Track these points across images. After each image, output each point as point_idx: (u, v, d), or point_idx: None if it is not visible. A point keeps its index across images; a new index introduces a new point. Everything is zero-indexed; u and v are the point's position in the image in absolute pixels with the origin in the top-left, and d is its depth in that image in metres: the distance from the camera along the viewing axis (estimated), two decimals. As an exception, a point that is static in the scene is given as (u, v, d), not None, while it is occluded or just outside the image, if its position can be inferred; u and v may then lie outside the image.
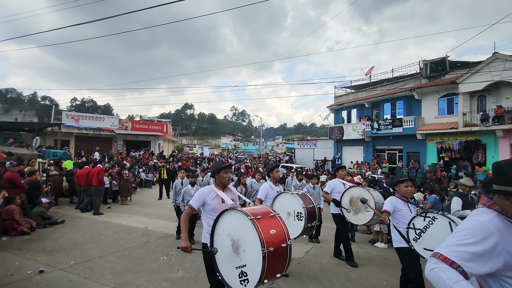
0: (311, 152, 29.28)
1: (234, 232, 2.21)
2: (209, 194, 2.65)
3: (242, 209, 2.24)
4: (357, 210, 4.34)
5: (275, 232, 2.14)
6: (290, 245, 2.18)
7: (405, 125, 18.46)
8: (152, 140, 24.50)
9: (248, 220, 2.10)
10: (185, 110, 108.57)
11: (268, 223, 2.19)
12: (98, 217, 7.42)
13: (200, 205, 2.64)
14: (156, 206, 9.85)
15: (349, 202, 4.43)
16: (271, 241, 2.05)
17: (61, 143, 18.47)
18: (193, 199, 2.65)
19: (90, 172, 7.93)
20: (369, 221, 4.21)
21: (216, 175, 2.71)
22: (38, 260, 4.20)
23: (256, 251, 2.01)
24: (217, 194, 2.65)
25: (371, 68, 22.99)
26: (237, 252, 2.15)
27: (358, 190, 4.43)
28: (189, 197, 5.12)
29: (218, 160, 3.40)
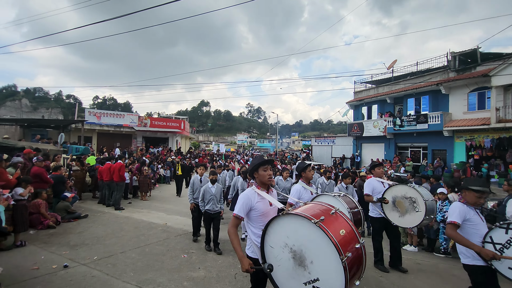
0: (329, 149, 28.61)
1: (293, 241, 1.86)
2: (255, 197, 2.25)
3: (298, 212, 1.89)
4: (403, 211, 3.86)
5: (345, 232, 1.82)
6: (363, 243, 1.85)
7: (430, 121, 17.50)
8: (170, 137, 24.88)
9: (311, 225, 1.76)
10: (202, 107, 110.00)
11: (335, 223, 1.86)
12: (119, 212, 7.53)
13: (247, 212, 2.23)
14: (175, 202, 9.90)
15: (392, 202, 3.99)
16: (345, 244, 1.73)
17: (84, 140, 19.14)
18: (238, 206, 2.23)
19: (112, 168, 8.05)
20: (420, 223, 3.74)
21: (254, 174, 2.36)
22: (62, 254, 4.24)
23: (330, 260, 1.68)
24: (262, 196, 2.26)
25: (393, 62, 21.96)
26: (303, 264, 1.81)
27: (401, 188, 3.96)
28: (210, 196, 4.89)
29: (257, 156, 2.85)
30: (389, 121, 20.25)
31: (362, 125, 22.77)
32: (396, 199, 3.96)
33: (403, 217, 3.88)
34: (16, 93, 77.74)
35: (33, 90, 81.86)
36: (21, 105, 68.79)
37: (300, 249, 1.83)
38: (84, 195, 9.91)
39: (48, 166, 7.36)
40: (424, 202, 3.61)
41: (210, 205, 4.87)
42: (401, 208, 3.88)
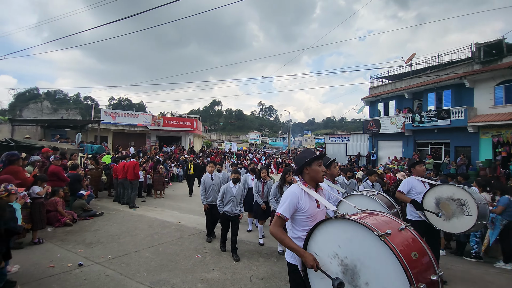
0: (343, 147, 27.95)
1: (345, 252, 1.57)
2: (301, 196, 1.98)
3: (356, 218, 1.58)
4: (449, 215, 3.44)
5: (418, 256, 1.44)
6: (441, 275, 1.47)
7: (453, 116, 16.61)
8: (182, 136, 25.11)
9: (374, 238, 1.43)
10: (213, 106, 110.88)
11: (404, 241, 1.48)
12: (133, 211, 7.54)
13: (293, 212, 1.97)
14: (188, 201, 9.87)
15: (435, 204, 3.56)
16: (419, 272, 1.37)
17: (101, 139, 19.61)
18: (283, 205, 1.97)
19: (126, 166, 8.08)
20: (469, 228, 3.29)
21: (305, 169, 2.05)
22: (78, 252, 4.22)
23: None
24: (309, 195, 1.98)
25: (412, 56, 21.06)
26: (354, 284, 1.51)
27: (448, 188, 3.53)
28: (231, 197, 4.55)
29: (306, 149, 2.60)
30: (407, 117, 19.44)
31: (378, 122, 22.02)
32: (440, 200, 3.53)
33: (448, 221, 3.45)
34: (38, 95, 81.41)
35: (53, 92, 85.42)
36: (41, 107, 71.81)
37: (354, 264, 1.52)
38: (100, 193, 10.07)
39: (65, 165, 7.48)
40: (476, 205, 3.18)
41: (229, 206, 4.53)
42: (446, 211, 3.47)
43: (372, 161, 22.58)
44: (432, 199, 3.57)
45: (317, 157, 2.05)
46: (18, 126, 18.24)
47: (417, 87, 19.32)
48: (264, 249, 4.80)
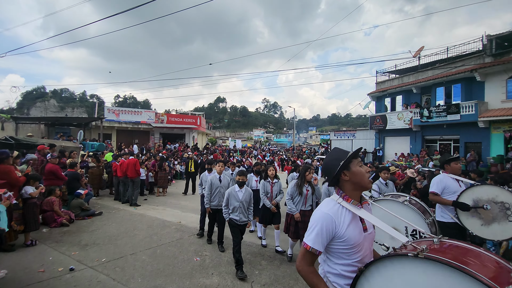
0: (349, 143, 27.52)
1: None
2: (342, 218, 1.40)
3: (454, 261, 0.98)
4: (489, 219, 3.05)
5: None
6: None
7: (463, 111, 16.08)
8: (186, 133, 24.97)
9: None
10: (218, 103, 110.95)
11: None
12: (134, 209, 7.37)
13: (328, 242, 1.39)
14: (191, 199, 9.67)
15: (472, 207, 3.17)
16: None
17: (104, 137, 19.57)
18: (311, 233, 1.39)
19: (125, 164, 7.90)
20: None
21: (343, 176, 1.48)
22: (71, 255, 4.03)
23: None
24: (353, 214, 1.41)
25: (420, 49, 20.45)
26: None
27: (489, 190, 3.13)
28: (236, 202, 3.98)
29: (334, 149, 1.61)
30: (415, 113, 18.93)
31: (385, 118, 21.54)
32: (479, 203, 3.12)
33: (487, 227, 3.05)
34: (45, 94, 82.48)
35: (60, 91, 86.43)
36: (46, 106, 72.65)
37: None
38: (102, 192, 9.94)
39: (64, 163, 7.34)
40: None
41: (237, 214, 3.96)
42: (485, 215, 3.07)
43: (378, 158, 22.17)
44: (469, 200, 3.14)
45: (355, 154, 1.51)
46: (22, 124, 18.28)
47: (426, 81, 18.75)
48: (267, 251, 4.55)
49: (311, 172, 4.15)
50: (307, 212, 4.08)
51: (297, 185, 4.10)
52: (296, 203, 4.09)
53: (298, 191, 4.06)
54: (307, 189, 4.11)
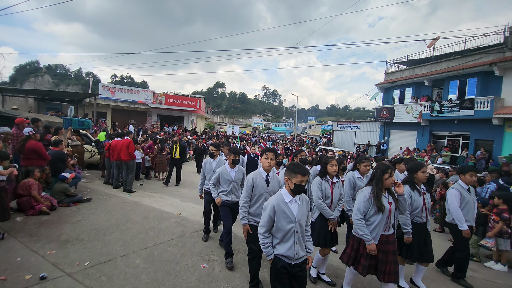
0: (352, 135, 26.85)
1: None
2: None
3: None
4: None
5: None
6: None
7: (477, 107, 15.34)
8: (185, 116, 23.92)
9: None
10: (217, 88, 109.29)
11: None
12: (128, 196, 6.55)
13: None
14: (190, 186, 8.89)
15: None
16: None
17: (98, 115, 18.49)
18: None
19: (119, 144, 7.01)
20: None
21: None
22: (46, 255, 3.22)
23: None
24: None
25: (435, 39, 19.34)
26: None
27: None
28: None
29: None
30: (425, 106, 18.14)
31: (393, 110, 20.75)
32: None
33: None
34: (39, 69, 79.69)
35: (54, 67, 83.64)
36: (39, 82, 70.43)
37: None
38: (93, 173, 9.10)
39: (48, 140, 6.43)
40: None
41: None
42: None
43: (382, 151, 21.55)
44: None
45: None
46: (10, 97, 17.08)
47: (439, 73, 17.85)
48: None
49: (392, 174, 2.66)
50: (390, 237, 2.67)
51: (374, 195, 2.62)
52: (374, 226, 2.61)
53: (377, 206, 2.59)
54: (389, 201, 2.65)
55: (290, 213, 2.19)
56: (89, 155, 9.63)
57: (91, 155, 9.67)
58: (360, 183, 3.60)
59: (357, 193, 2.83)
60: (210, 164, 4.43)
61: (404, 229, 3.08)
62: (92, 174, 8.99)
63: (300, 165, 2.23)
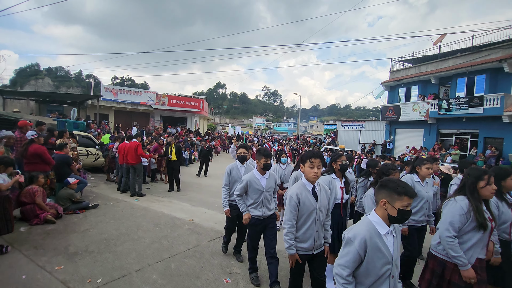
0: (357, 134, 26.53)
1: None
2: None
3: None
4: None
5: None
6: None
7: (486, 104, 15.03)
8: (188, 117, 23.64)
9: None
10: (217, 89, 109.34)
11: None
12: (136, 201, 6.27)
13: None
14: (198, 189, 8.61)
15: None
16: None
17: (101, 117, 18.22)
18: None
19: (126, 148, 6.73)
20: None
21: None
22: (54, 271, 2.93)
23: None
24: None
25: (441, 36, 19.06)
26: None
27: None
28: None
29: None
30: (433, 104, 17.83)
31: (398, 108, 20.43)
32: None
33: None
34: (39, 72, 79.66)
35: (54, 69, 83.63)
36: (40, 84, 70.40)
37: None
38: (98, 177, 8.82)
39: (52, 144, 6.16)
40: None
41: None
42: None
43: (388, 150, 21.24)
44: None
45: None
46: (11, 100, 16.84)
47: (446, 71, 17.54)
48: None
49: (490, 181, 2.16)
50: (484, 263, 2.22)
51: (474, 209, 2.11)
52: (469, 246, 2.12)
53: (478, 222, 2.08)
54: (489, 217, 2.15)
55: (387, 251, 1.62)
56: (93, 158, 9.38)
57: (95, 158, 9.41)
58: (419, 188, 3.14)
59: (446, 203, 2.29)
60: (237, 171, 3.59)
61: None
62: (97, 178, 8.71)
63: (406, 184, 1.66)
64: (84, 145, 9.15)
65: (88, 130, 11.33)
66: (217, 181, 10.29)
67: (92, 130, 12.08)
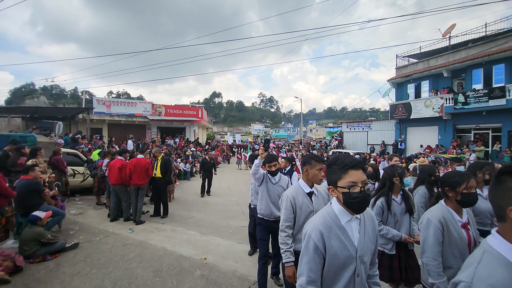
0: (364, 135, 25.39)
1: None
2: None
3: None
4: None
5: None
6: None
7: (509, 95, 13.92)
8: (187, 127, 22.38)
9: None
10: (214, 98, 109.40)
11: None
12: (129, 232, 4.94)
13: None
14: (204, 207, 7.27)
15: None
16: None
17: (93, 131, 16.95)
18: None
19: (129, 165, 5.50)
20: None
21: None
22: None
23: None
24: None
25: (451, 27, 18.15)
26: None
27: None
28: None
29: None
30: (447, 99, 16.73)
31: (409, 106, 19.32)
32: None
33: None
34: (34, 91, 78.86)
35: (50, 87, 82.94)
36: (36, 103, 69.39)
37: None
38: (87, 200, 7.48)
39: (22, 165, 4.86)
40: None
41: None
42: None
43: (400, 150, 20.02)
44: None
45: None
46: (0, 118, 15.52)
47: (460, 62, 16.48)
48: None
49: None
50: None
51: None
52: None
53: None
54: None
55: None
56: (81, 179, 8.07)
57: (83, 178, 8.11)
58: None
59: None
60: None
61: None
62: (85, 202, 7.38)
63: None
64: (71, 163, 7.86)
65: (76, 147, 10.02)
66: (224, 197, 8.98)
67: (82, 146, 10.79)
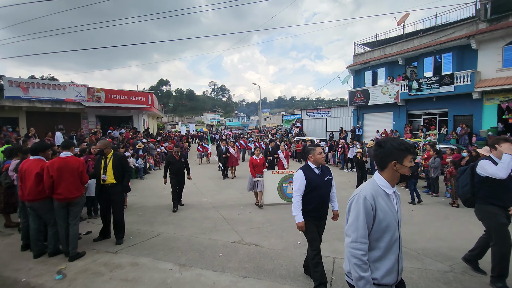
0: (323, 122, 25.70)
1: None
2: None
3: None
4: None
5: None
6: None
7: (457, 82, 14.95)
8: (134, 115, 19.18)
9: None
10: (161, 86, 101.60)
11: None
12: (57, 279, 3.03)
13: None
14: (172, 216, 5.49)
15: None
16: None
17: (5, 122, 13.01)
18: None
19: (51, 169, 3.35)
20: None
21: None
22: None
23: None
24: None
25: (404, 16, 18.77)
26: None
27: None
28: None
29: None
30: (402, 86, 17.46)
31: (367, 92, 19.80)
32: None
33: None
34: None
35: None
36: None
37: None
38: None
39: None
40: None
41: None
42: None
43: (357, 136, 20.57)
44: None
45: None
46: None
47: (414, 50, 17.21)
48: None
49: None
50: None
51: None
52: None
53: None
54: None
55: None
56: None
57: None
58: None
59: None
60: None
61: None
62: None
63: None
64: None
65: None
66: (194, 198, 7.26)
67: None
